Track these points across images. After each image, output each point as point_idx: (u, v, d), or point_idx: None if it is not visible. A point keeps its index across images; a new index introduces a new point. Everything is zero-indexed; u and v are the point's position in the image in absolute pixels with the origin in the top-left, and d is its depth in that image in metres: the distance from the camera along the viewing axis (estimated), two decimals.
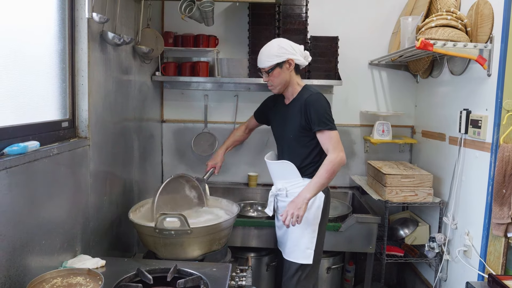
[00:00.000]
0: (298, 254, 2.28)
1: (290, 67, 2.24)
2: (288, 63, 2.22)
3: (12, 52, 1.48)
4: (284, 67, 2.22)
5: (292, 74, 2.27)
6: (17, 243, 1.38)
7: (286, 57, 2.20)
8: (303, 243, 2.27)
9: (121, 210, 2.37)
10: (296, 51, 2.23)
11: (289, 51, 2.21)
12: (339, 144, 2.17)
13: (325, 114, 2.17)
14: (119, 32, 2.26)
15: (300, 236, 2.27)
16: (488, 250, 2.18)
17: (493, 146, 2.13)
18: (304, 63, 2.29)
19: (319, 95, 2.22)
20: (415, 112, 3.36)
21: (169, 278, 1.66)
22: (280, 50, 2.20)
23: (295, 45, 2.26)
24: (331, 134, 2.17)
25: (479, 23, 2.26)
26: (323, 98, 2.22)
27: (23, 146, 1.42)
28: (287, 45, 2.22)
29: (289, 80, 2.27)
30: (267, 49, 2.24)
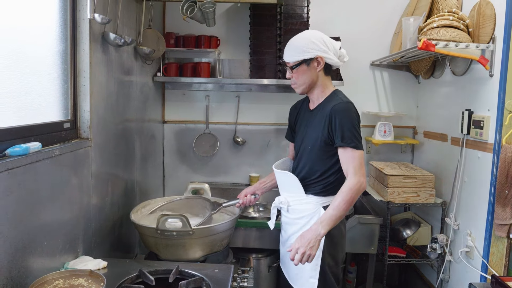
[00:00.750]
0: (302, 283, 1.99)
1: (319, 66, 1.94)
2: (317, 61, 1.92)
3: (14, 53, 1.48)
4: (312, 65, 1.93)
5: (321, 75, 1.97)
6: (19, 244, 1.38)
7: (315, 54, 1.90)
8: (306, 271, 1.96)
9: (123, 211, 2.37)
10: (329, 49, 1.93)
11: (320, 48, 1.90)
12: (361, 168, 1.85)
13: (352, 128, 1.85)
14: (121, 33, 2.26)
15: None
16: (490, 251, 2.17)
17: (496, 146, 2.13)
18: (337, 64, 1.98)
19: (349, 105, 1.90)
20: (416, 113, 3.36)
21: (171, 279, 1.66)
22: (310, 44, 1.90)
23: (330, 41, 1.95)
24: (355, 154, 1.85)
25: (481, 24, 2.26)
26: (353, 109, 1.90)
27: (25, 147, 1.41)
28: (320, 40, 1.92)
29: (316, 81, 1.97)
30: (295, 41, 1.95)
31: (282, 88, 3.34)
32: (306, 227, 1.92)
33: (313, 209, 1.99)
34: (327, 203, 1.93)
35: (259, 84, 3.20)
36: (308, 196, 2.00)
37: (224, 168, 3.47)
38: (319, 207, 1.97)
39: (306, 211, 2.00)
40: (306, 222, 1.99)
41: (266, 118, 3.41)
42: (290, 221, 2.08)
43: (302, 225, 2.00)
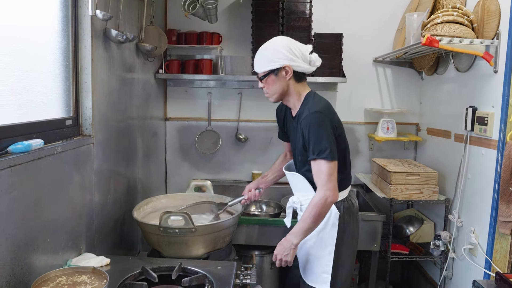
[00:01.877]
0: (315, 278, 2.01)
1: (287, 75, 1.90)
2: (285, 70, 1.89)
3: (15, 50, 1.48)
4: (280, 74, 1.89)
5: (291, 83, 1.93)
6: (21, 241, 1.38)
7: (282, 63, 1.87)
8: (319, 266, 1.99)
9: (125, 209, 2.37)
10: (297, 56, 1.88)
11: (287, 56, 1.86)
12: (329, 181, 1.81)
13: (317, 141, 1.81)
14: (123, 29, 2.25)
15: (316, 257, 2.01)
16: (494, 248, 2.16)
17: (500, 143, 2.11)
18: (307, 70, 1.94)
19: (316, 115, 1.83)
20: (420, 109, 3.34)
21: (174, 276, 1.65)
22: (276, 54, 1.87)
23: (298, 47, 1.90)
24: (322, 167, 1.82)
25: (486, 19, 2.24)
26: (320, 119, 1.83)
27: (27, 144, 1.41)
28: (286, 48, 1.87)
29: (287, 89, 1.94)
30: (262, 50, 1.93)
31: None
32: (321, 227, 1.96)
33: None
34: (339, 198, 1.97)
35: None
36: None
37: (226, 165, 3.47)
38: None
39: None
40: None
41: (268, 115, 3.39)
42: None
43: None
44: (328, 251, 1.97)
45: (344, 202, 2.02)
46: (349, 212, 2.02)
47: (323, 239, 1.98)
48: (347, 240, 2.01)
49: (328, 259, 1.97)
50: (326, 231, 1.98)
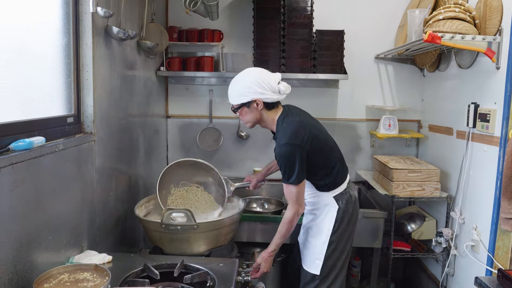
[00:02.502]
0: (309, 263, 2.21)
1: (258, 107, 2.05)
2: (256, 103, 2.04)
3: (17, 48, 1.47)
4: (252, 106, 2.06)
5: (264, 112, 2.09)
6: (23, 239, 1.38)
7: (252, 97, 2.02)
8: (314, 252, 2.19)
9: (127, 206, 2.37)
10: (266, 89, 2.02)
11: (256, 91, 2.01)
12: (297, 199, 2.05)
13: (286, 168, 2.00)
14: (124, 27, 2.25)
15: (312, 244, 2.21)
16: (496, 245, 2.16)
17: (502, 140, 2.11)
18: (277, 99, 2.08)
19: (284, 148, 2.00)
20: (422, 106, 3.33)
21: (176, 273, 1.66)
22: (246, 89, 2.02)
23: (267, 80, 2.02)
24: (291, 189, 2.03)
25: (488, 16, 2.23)
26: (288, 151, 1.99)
27: (29, 142, 1.41)
28: (255, 83, 2.01)
29: (260, 117, 2.11)
30: (233, 86, 2.09)
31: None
32: (321, 216, 2.19)
33: (326, 201, 2.18)
34: (337, 192, 2.17)
35: None
36: (322, 193, 2.18)
37: (228, 163, 3.46)
38: (330, 197, 2.17)
39: (320, 203, 2.19)
40: (321, 212, 2.20)
41: None
42: (307, 212, 2.27)
43: (318, 214, 2.21)
44: (323, 240, 2.16)
45: (343, 195, 2.19)
46: (348, 204, 2.19)
47: (321, 229, 2.17)
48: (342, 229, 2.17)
49: (322, 248, 2.15)
50: (324, 222, 2.17)
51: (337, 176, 2.18)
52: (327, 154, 2.15)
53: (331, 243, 2.16)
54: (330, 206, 2.17)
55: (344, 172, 2.24)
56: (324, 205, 2.19)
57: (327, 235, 2.16)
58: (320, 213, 2.20)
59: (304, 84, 3.32)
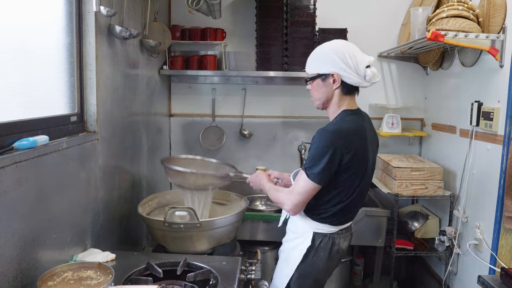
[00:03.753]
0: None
1: (335, 84, 1.73)
2: (333, 78, 1.72)
3: (20, 47, 1.48)
4: (328, 81, 1.74)
5: (337, 93, 1.76)
6: (28, 237, 1.39)
7: (330, 70, 1.71)
8: (279, 280, 1.91)
9: (130, 204, 2.38)
10: (350, 66, 1.69)
11: (338, 64, 1.69)
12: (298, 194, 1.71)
13: (317, 157, 1.66)
14: (127, 25, 2.25)
15: (279, 269, 1.95)
16: (499, 243, 2.16)
17: (505, 138, 2.10)
18: (360, 84, 1.74)
19: (325, 134, 1.68)
20: (425, 105, 3.32)
21: (179, 271, 1.66)
22: (327, 58, 1.71)
23: (354, 56, 1.69)
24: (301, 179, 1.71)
25: (491, 13, 2.22)
26: (327, 138, 1.66)
27: (33, 141, 1.42)
28: (340, 54, 1.69)
29: (331, 98, 1.77)
30: (316, 51, 1.78)
31: (289, 81, 3.32)
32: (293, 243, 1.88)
33: (304, 230, 1.84)
34: (320, 230, 1.81)
35: (266, 76, 3.18)
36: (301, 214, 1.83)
37: (230, 161, 3.43)
38: (310, 231, 1.82)
39: (298, 228, 1.88)
40: (294, 238, 1.89)
41: (272, 110, 3.40)
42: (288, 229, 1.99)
43: (292, 238, 1.92)
44: (286, 273, 1.86)
45: (325, 238, 1.81)
46: (325, 249, 1.82)
47: (288, 259, 1.88)
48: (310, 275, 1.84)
49: (284, 280, 1.87)
50: (293, 253, 1.86)
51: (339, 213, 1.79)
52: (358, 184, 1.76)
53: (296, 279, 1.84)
54: (303, 239, 1.83)
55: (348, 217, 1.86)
56: (299, 233, 1.86)
57: (291, 270, 1.84)
58: (294, 239, 1.89)
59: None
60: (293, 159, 3.43)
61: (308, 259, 1.82)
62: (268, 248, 2.91)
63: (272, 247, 2.93)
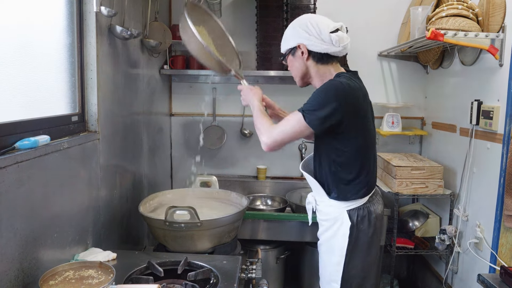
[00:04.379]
0: (325, 284, 1.92)
1: (304, 55, 1.75)
2: (300, 50, 1.74)
3: (21, 47, 1.49)
4: (296, 54, 1.77)
5: (311, 64, 1.77)
6: (29, 236, 1.40)
7: (296, 42, 1.74)
8: (328, 272, 1.88)
9: (131, 204, 2.38)
10: (313, 34, 1.69)
11: (301, 35, 1.71)
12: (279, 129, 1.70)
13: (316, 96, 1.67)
14: (127, 25, 2.26)
15: (325, 264, 1.91)
16: (499, 242, 2.16)
17: (505, 137, 2.10)
18: (329, 50, 1.71)
19: (331, 81, 1.70)
20: (425, 104, 3.33)
21: (179, 270, 1.67)
22: (292, 32, 1.74)
23: (316, 23, 1.70)
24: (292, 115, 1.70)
25: (491, 12, 2.22)
26: (332, 84, 1.68)
27: (34, 141, 1.42)
28: (302, 25, 1.72)
29: (307, 71, 1.80)
30: (287, 29, 1.81)
31: (289, 80, 3.32)
32: (331, 230, 1.86)
33: (336, 213, 1.83)
34: (352, 206, 1.80)
35: (266, 76, 3.19)
36: (330, 200, 1.84)
37: (231, 160, 3.48)
38: (343, 211, 1.80)
39: (329, 215, 1.87)
40: (330, 225, 1.86)
41: None
42: (319, 221, 1.97)
43: (327, 227, 1.88)
44: (336, 261, 1.83)
45: (359, 210, 1.81)
46: (364, 221, 1.81)
47: (333, 247, 1.85)
48: (361, 251, 1.82)
49: (336, 269, 1.83)
50: (335, 240, 1.84)
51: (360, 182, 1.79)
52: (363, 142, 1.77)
53: (348, 266, 1.81)
54: (341, 222, 1.80)
55: (370, 184, 1.85)
56: (333, 219, 1.84)
57: (341, 256, 1.81)
58: (330, 227, 1.86)
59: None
60: (293, 159, 3.43)
61: (352, 238, 1.80)
62: (269, 247, 2.92)
63: (273, 246, 2.94)
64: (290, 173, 3.46)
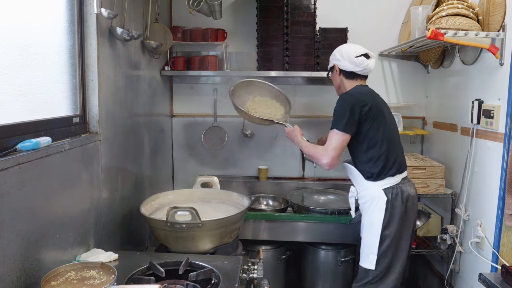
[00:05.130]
0: (364, 258, 2.22)
1: (337, 72, 2.31)
2: (335, 68, 2.32)
3: (22, 49, 1.49)
4: (334, 71, 2.34)
5: (343, 80, 2.30)
6: (31, 237, 1.41)
7: (332, 63, 2.34)
8: (367, 246, 2.19)
9: (133, 205, 2.39)
10: (344, 57, 2.25)
11: (336, 57, 2.30)
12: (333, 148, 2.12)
13: (335, 114, 2.16)
14: (128, 27, 2.27)
15: (366, 239, 2.22)
16: (501, 241, 2.16)
17: (506, 136, 2.10)
18: (352, 69, 2.25)
19: (343, 95, 2.20)
20: (426, 103, 3.33)
21: (181, 271, 1.67)
22: (331, 56, 2.35)
23: (346, 50, 2.26)
24: (332, 135, 2.14)
25: (491, 12, 2.22)
26: (345, 98, 2.17)
27: (35, 142, 1.43)
28: (338, 51, 2.30)
29: (340, 84, 2.33)
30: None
31: (290, 80, 3.33)
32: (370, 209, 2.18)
33: (373, 193, 2.17)
34: (387, 185, 2.15)
35: (267, 76, 3.18)
36: (368, 182, 2.19)
37: (232, 161, 3.48)
38: (380, 189, 2.15)
39: (368, 196, 2.20)
40: (369, 205, 2.19)
41: None
42: (361, 207, 2.28)
43: (367, 208, 2.20)
44: (375, 233, 2.15)
45: (393, 189, 2.15)
46: (398, 198, 2.15)
47: (372, 222, 2.17)
48: (396, 221, 2.14)
49: (374, 240, 2.15)
50: (374, 215, 2.16)
51: (388, 162, 2.16)
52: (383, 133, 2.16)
53: (384, 237, 2.14)
54: (378, 199, 2.15)
55: (397, 165, 2.20)
56: (372, 198, 2.18)
57: (378, 229, 2.14)
58: (369, 207, 2.19)
59: (308, 82, 3.32)
60: (294, 159, 3.44)
61: (388, 212, 2.14)
62: (270, 248, 2.92)
63: (275, 246, 2.94)
64: (291, 173, 3.46)
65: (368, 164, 2.18)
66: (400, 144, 2.29)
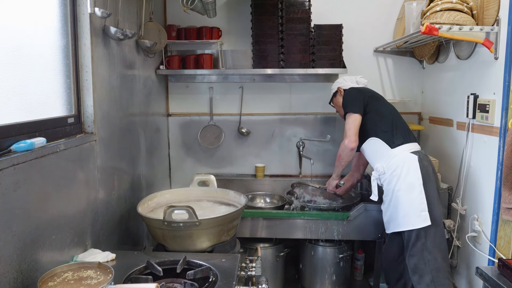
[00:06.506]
0: (415, 220, 2.28)
1: (340, 95, 2.70)
2: (339, 91, 2.72)
3: (16, 50, 1.49)
4: (338, 94, 2.72)
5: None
6: (27, 238, 1.40)
7: (336, 87, 2.74)
8: (416, 207, 2.28)
9: (130, 204, 2.39)
10: (347, 80, 2.73)
11: (339, 82, 2.76)
12: (349, 129, 2.46)
13: (346, 101, 2.56)
14: (122, 26, 2.26)
15: (409, 202, 2.30)
16: (498, 235, 2.17)
17: (502, 130, 2.11)
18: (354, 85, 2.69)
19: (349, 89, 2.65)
20: (422, 98, 3.33)
21: (178, 269, 1.67)
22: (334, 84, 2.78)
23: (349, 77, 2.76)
24: (347, 119, 2.50)
25: (485, 6, 2.23)
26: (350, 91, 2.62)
27: (30, 143, 1.43)
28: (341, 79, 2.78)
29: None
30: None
31: (286, 78, 3.33)
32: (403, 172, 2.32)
33: (404, 156, 2.35)
34: (412, 150, 2.39)
35: (263, 74, 3.19)
36: (394, 150, 2.39)
37: (229, 159, 3.48)
38: (408, 153, 2.37)
39: (398, 161, 2.35)
40: (401, 169, 2.34)
41: (270, 108, 3.40)
42: (387, 178, 2.40)
43: (400, 173, 2.33)
44: (418, 192, 2.28)
45: (419, 152, 2.39)
46: (425, 158, 2.38)
47: (411, 183, 2.30)
48: (430, 180, 2.32)
49: (421, 198, 2.28)
50: (410, 176, 2.31)
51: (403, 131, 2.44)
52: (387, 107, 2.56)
53: (428, 194, 2.28)
54: (410, 160, 2.32)
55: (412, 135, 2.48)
56: (403, 162, 2.33)
57: (420, 187, 2.28)
58: (401, 171, 2.32)
59: (304, 79, 3.32)
60: (291, 156, 3.44)
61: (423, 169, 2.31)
62: (268, 245, 2.93)
63: (272, 243, 2.94)
64: (289, 170, 3.46)
65: (387, 134, 2.42)
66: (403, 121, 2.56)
